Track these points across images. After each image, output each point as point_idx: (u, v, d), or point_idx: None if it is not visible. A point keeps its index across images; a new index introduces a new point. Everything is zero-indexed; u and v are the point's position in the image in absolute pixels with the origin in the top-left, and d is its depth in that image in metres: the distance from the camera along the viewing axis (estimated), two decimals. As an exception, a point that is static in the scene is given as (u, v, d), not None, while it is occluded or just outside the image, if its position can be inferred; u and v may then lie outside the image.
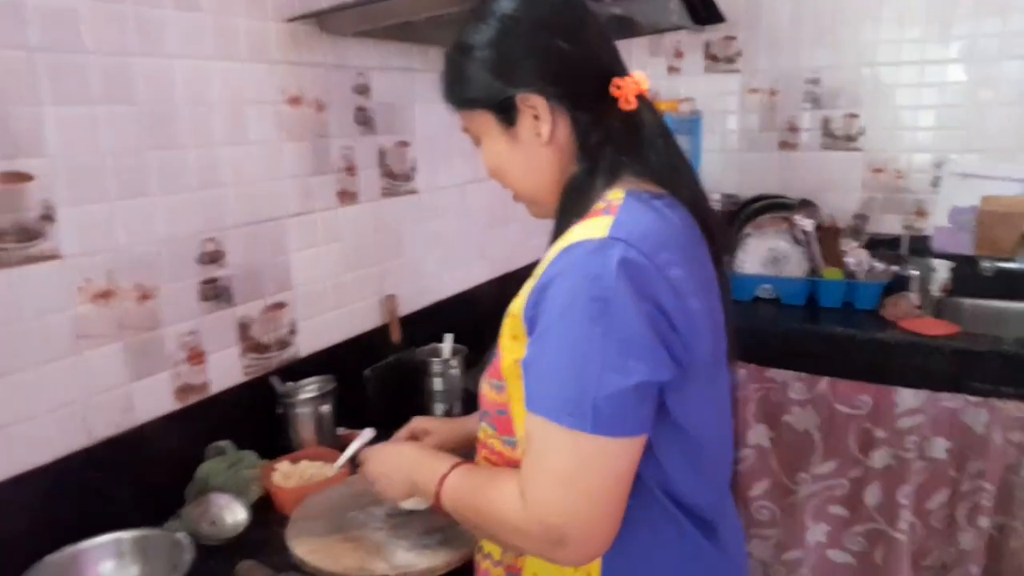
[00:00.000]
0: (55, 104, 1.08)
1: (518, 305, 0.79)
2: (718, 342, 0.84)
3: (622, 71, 0.85)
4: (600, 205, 0.80)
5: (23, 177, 1.05)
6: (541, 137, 0.84)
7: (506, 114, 0.85)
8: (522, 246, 2.27)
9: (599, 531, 0.73)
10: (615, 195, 0.80)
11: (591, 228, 0.75)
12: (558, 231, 0.85)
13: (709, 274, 0.85)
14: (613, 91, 0.83)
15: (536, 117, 0.83)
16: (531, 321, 0.76)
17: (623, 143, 0.84)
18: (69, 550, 1.06)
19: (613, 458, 0.72)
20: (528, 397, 0.75)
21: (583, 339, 0.71)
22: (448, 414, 1.63)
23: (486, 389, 0.87)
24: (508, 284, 2.13)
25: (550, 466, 0.73)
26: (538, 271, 0.78)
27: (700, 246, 0.84)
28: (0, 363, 1.04)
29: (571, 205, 0.84)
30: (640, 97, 0.84)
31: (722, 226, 0.91)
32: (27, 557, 1.02)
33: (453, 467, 0.88)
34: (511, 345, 0.81)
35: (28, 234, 1.06)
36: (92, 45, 1.11)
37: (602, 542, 0.74)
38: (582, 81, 0.83)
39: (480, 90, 0.85)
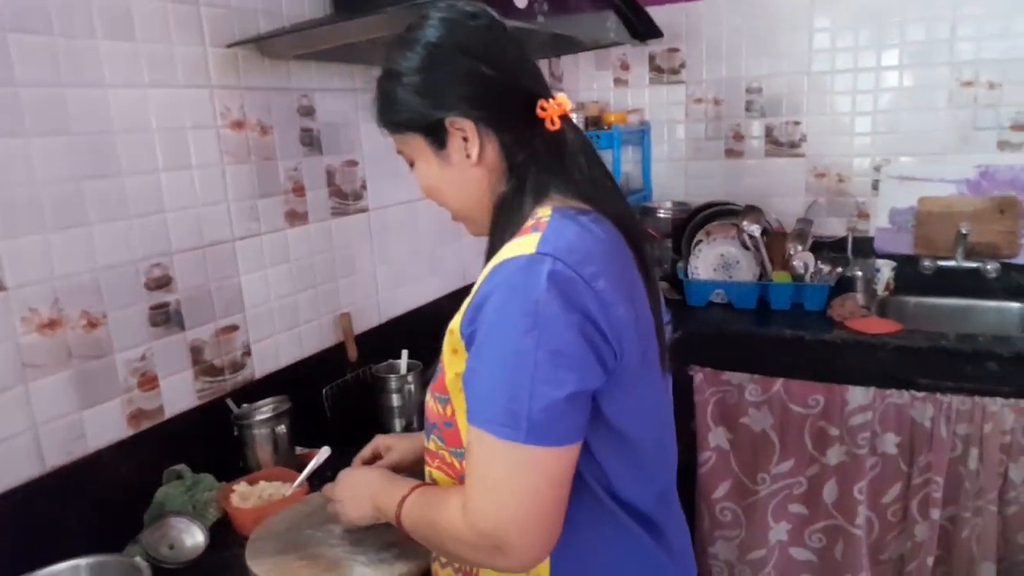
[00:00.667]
0: (-14, 137, 1.07)
1: (456, 321, 0.82)
2: (647, 347, 0.87)
3: (546, 92, 0.89)
4: (530, 223, 0.83)
5: (-41, 210, 1.05)
6: (470, 158, 0.87)
7: (436, 136, 0.88)
8: (473, 262, 2.28)
9: (534, 537, 0.75)
10: (543, 212, 0.83)
11: (520, 245, 0.78)
12: (491, 248, 0.88)
13: (635, 284, 0.87)
14: (539, 112, 0.86)
15: (465, 139, 0.86)
16: (469, 337, 0.79)
17: (548, 162, 0.87)
18: (23, 579, 1.05)
19: (547, 466, 0.75)
20: (468, 410, 0.78)
21: (516, 352, 0.73)
22: (407, 429, 1.64)
23: (432, 403, 0.89)
24: (460, 300, 2.15)
25: (487, 476, 0.75)
26: (474, 288, 0.81)
27: (626, 257, 0.87)
28: (-58, 396, 1.03)
29: (502, 223, 0.87)
30: (563, 117, 0.88)
31: (646, 237, 0.94)
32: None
33: (412, 489, 0.90)
34: (452, 359, 0.83)
35: (-31, 266, 1.06)
36: (23, 78, 1.11)
37: (539, 548, 0.76)
38: (506, 104, 0.87)
39: (410, 114, 0.88)
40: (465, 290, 2.24)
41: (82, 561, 1.09)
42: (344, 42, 1.41)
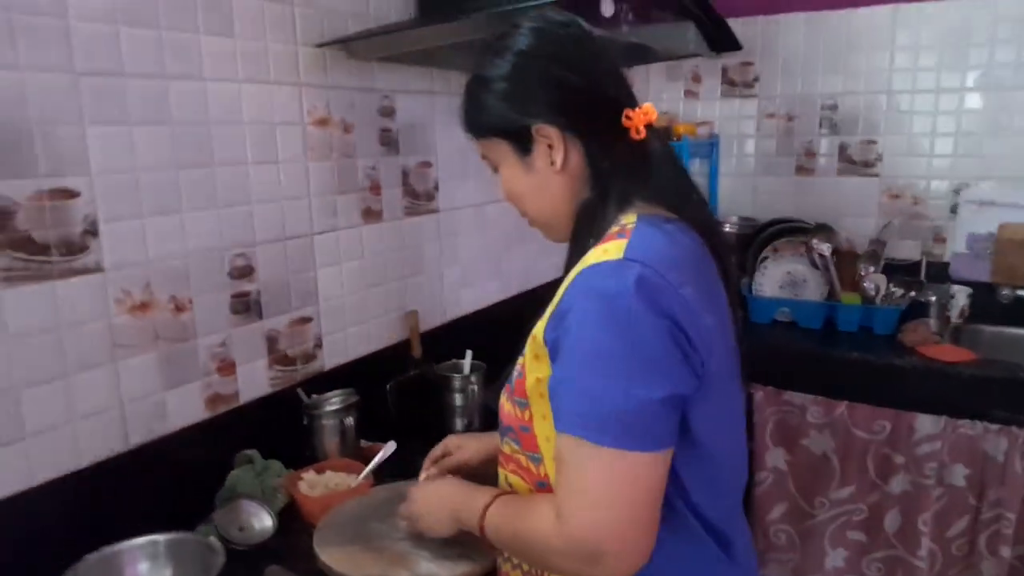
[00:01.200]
0: (97, 124, 1.13)
1: (539, 327, 0.82)
2: (730, 359, 0.87)
3: (632, 102, 0.89)
4: (614, 229, 0.83)
5: (69, 194, 1.10)
6: (555, 165, 0.88)
7: (522, 143, 0.89)
8: (537, 265, 2.30)
9: (634, 546, 0.75)
10: (628, 219, 0.84)
11: (607, 251, 0.78)
12: (572, 254, 0.89)
13: (719, 294, 0.87)
14: (624, 121, 0.87)
15: (550, 146, 0.87)
16: (553, 343, 0.79)
17: (633, 170, 0.87)
18: (108, 550, 1.10)
19: (644, 472, 0.74)
20: (557, 418, 0.78)
21: (607, 357, 0.73)
22: (468, 428, 1.65)
23: (508, 407, 0.90)
24: (523, 303, 2.18)
25: (583, 485, 0.75)
26: (558, 294, 0.81)
27: (710, 267, 0.87)
28: (42, 370, 1.09)
29: (584, 230, 0.88)
30: (649, 127, 0.88)
31: (730, 248, 0.94)
32: (67, 557, 1.05)
33: (494, 498, 0.90)
34: (533, 365, 0.84)
35: (73, 248, 1.11)
36: (131, 68, 1.17)
37: (638, 557, 0.75)
38: (593, 113, 0.87)
39: (497, 120, 0.90)
40: (529, 294, 2.27)
41: (160, 537, 1.13)
42: (427, 46, 1.43)
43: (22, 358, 1.06)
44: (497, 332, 1.92)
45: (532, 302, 0.86)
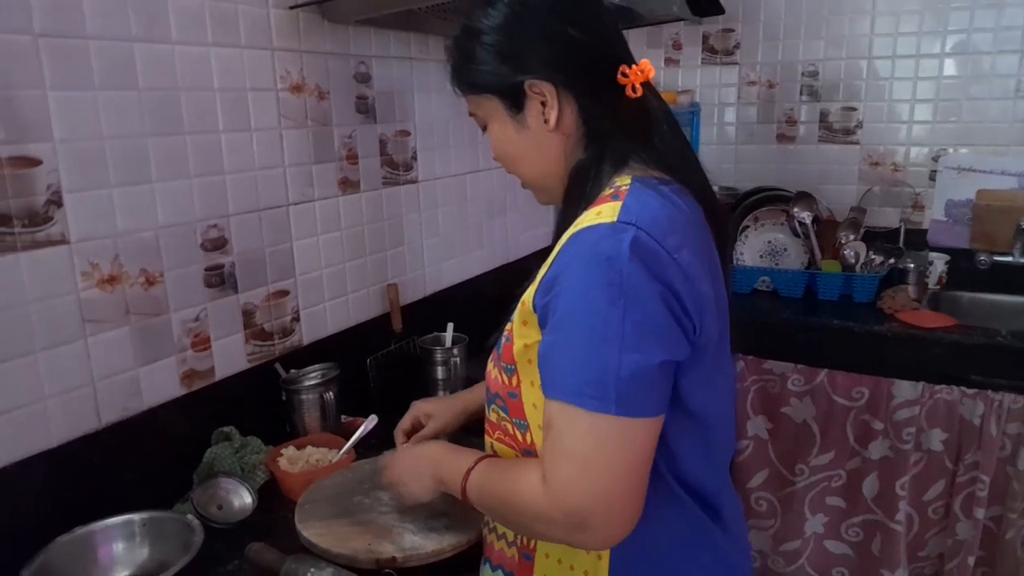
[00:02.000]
0: (59, 89, 1.07)
1: (529, 293, 0.80)
2: (724, 327, 0.85)
3: (629, 58, 0.86)
4: (608, 191, 0.80)
5: (31, 162, 1.05)
6: (548, 123, 0.85)
7: (514, 100, 0.86)
8: (519, 237, 2.28)
9: (621, 513, 0.73)
10: (622, 181, 0.81)
11: (600, 214, 0.76)
12: (564, 217, 0.86)
13: (714, 260, 0.86)
14: (620, 79, 0.84)
15: (544, 103, 0.84)
16: (543, 308, 0.77)
17: (629, 130, 0.84)
18: (81, 531, 1.07)
19: (634, 439, 0.73)
20: (547, 383, 0.76)
21: (601, 322, 0.71)
22: (450, 403, 1.64)
23: (496, 373, 0.88)
24: (506, 274, 2.15)
25: (571, 449, 0.73)
26: (549, 259, 0.79)
27: (706, 233, 0.85)
28: (8, 346, 1.04)
29: (578, 191, 0.85)
30: (646, 85, 0.85)
31: (726, 214, 0.92)
32: (39, 538, 1.02)
33: (477, 461, 0.88)
34: (521, 330, 0.81)
35: (36, 218, 1.06)
36: (94, 30, 1.11)
37: (624, 525, 0.74)
38: (590, 69, 0.84)
39: (488, 75, 0.86)
40: (511, 266, 2.25)
41: (136, 516, 1.10)
42: (407, 7, 1.38)
43: (-13, 334, 1.02)
44: (479, 305, 1.90)
45: (515, 274, 0.84)
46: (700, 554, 0.86)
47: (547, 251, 0.81)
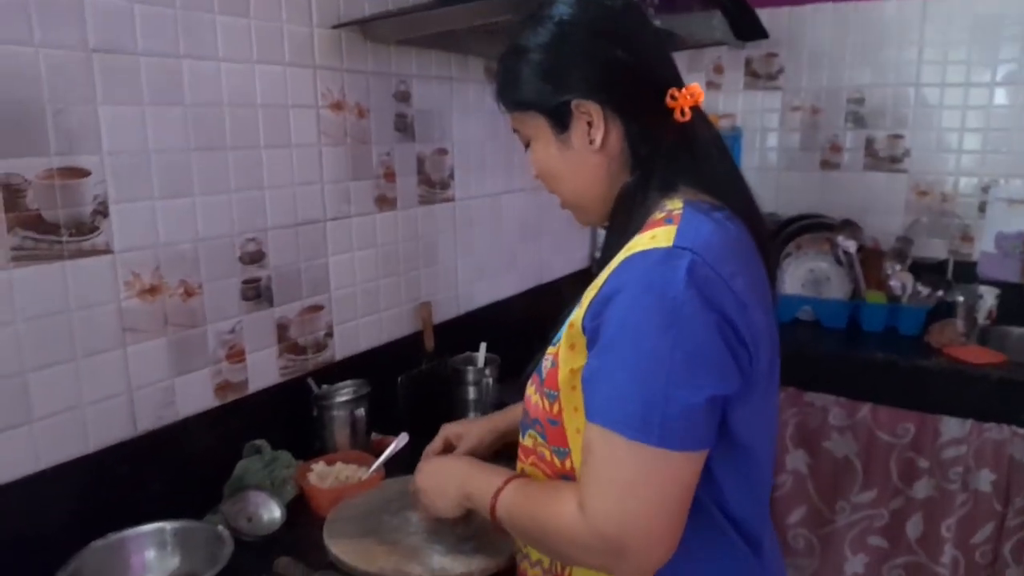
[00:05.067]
0: (109, 103, 1.10)
1: (578, 315, 0.78)
2: (774, 357, 0.83)
3: (678, 81, 0.85)
4: (659, 215, 0.79)
5: (81, 173, 1.08)
6: (593, 144, 0.84)
7: (559, 119, 0.85)
8: (553, 260, 2.26)
9: (659, 544, 0.72)
10: (673, 205, 0.79)
11: (655, 238, 0.74)
12: (610, 241, 0.84)
13: (766, 288, 0.83)
14: (668, 102, 0.82)
15: (589, 124, 0.83)
16: (592, 332, 0.75)
17: (677, 154, 0.83)
18: (114, 537, 1.08)
19: (677, 471, 0.71)
20: (590, 408, 0.74)
21: (651, 351, 0.69)
22: (481, 424, 1.62)
23: (536, 399, 0.86)
24: (538, 297, 2.14)
25: (612, 477, 0.71)
26: (599, 280, 0.77)
27: (757, 260, 0.83)
28: (51, 352, 1.06)
29: (624, 215, 0.84)
30: (695, 109, 0.84)
31: (774, 242, 0.89)
32: (73, 543, 1.03)
33: (508, 480, 0.86)
34: (568, 355, 0.80)
35: (83, 228, 1.09)
36: (144, 47, 1.14)
37: (662, 555, 0.72)
38: (637, 90, 0.83)
39: (534, 93, 0.85)
40: (544, 288, 2.24)
41: (167, 525, 1.11)
42: (447, 28, 1.40)
43: (30, 340, 1.04)
44: (511, 326, 1.89)
45: (547, 297, 0.83)
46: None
47: (581, 274, 0.80)
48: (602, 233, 0.89)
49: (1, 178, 0.99)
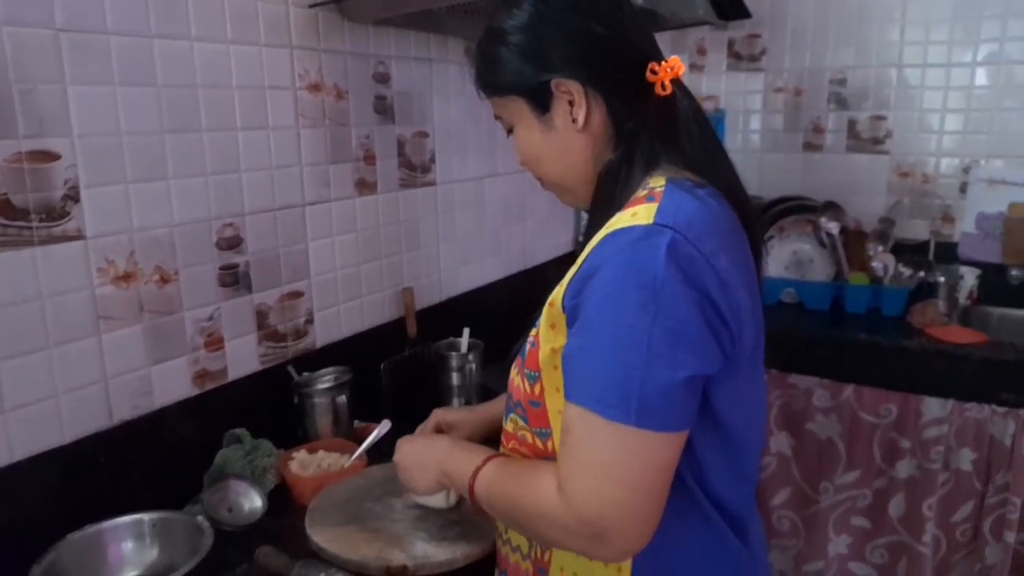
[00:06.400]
0: (78, 84, 1.07)
1: (558, 294, 0.77)
2: (758, 337, 0.82)
3: (657, 55, 0.83)
4: (641, 193, 0.78)
5: (50, 156, 1.05)
6: (576, 123, 0.82)
7: (540, 100, 0.83)
8: (537, 244, 2.25)
9: (639, 526, 0.71)
10: (656, 182, 0.78)
11: (636, 215, 0.73)
12: (593, 220, 0.83)
13: (750, 267, 0.82)
14: (649, 76, 0.81)
15: (571, 103, 0.82)
16: (572, 310, 0.74)
17: (659, 129, 0.82)
18: (91, 529, 1.06)
19: (656, 452, 0.70)
20: (569, 387, 0.73)
21: (630, 329, 0.68)
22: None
23: (518, 380, 0.85)
24: (523, 282, 2.12)
25: (590, 458, 0.70)
26: (580, 259, 0.76)
27: (741, 238, 0.82)
28: (22, 341, 1.03)
29: (607, 193, 0.82)
30: (676, 82, 0.83)
31: (759, 218, 0.88)
32: (50, 534, 1.01)
33: (487, 459, 0.86)
34: (549, 335, 0.78)
35: (53, 213, 1.05)
36: (114, 25, 1.10)
37: (641, 537, 0.71)
38: (618, 66, 0.82)
39: (513, 76, 0.84)
40: (528, 273, 2.22)
41: (145, 516, 1.09)
42: (426, 7, 1.37)
43: (2, 328, 1.01)
44: (495, 312, 1.88)
45: (531, 282, 0.81)
46: (723, 569, 0.83)
47: (566, 259, 0.79)
48: (586, 216, 0.88)
49: (-35, 162, 0.96)
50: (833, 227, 2.09)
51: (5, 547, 0.98)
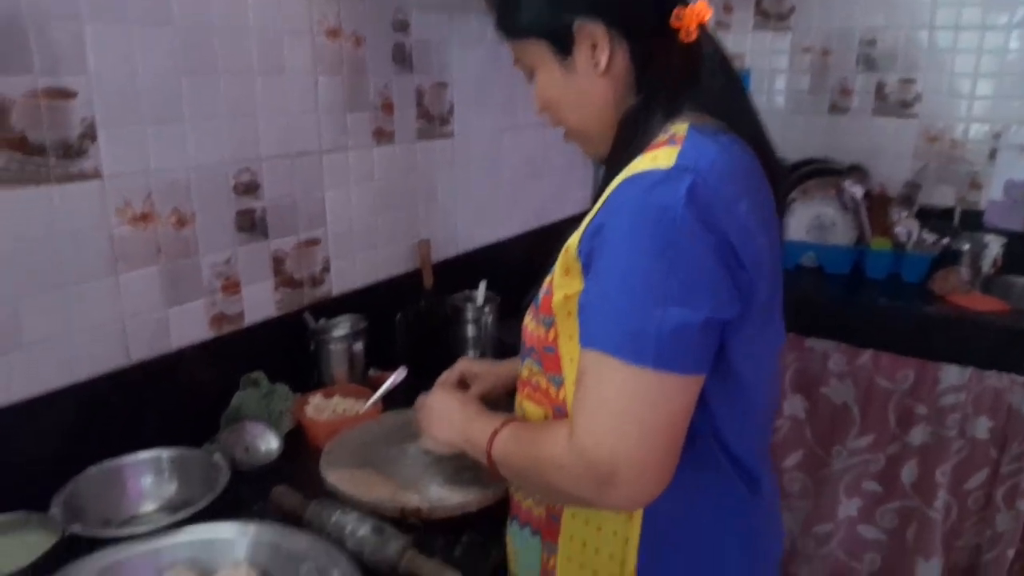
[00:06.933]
0: (94, 21, 1.05)
1: (574, 240, 0.76)
2: (776, 286, 0.80)
3: (683, 1, 0.81)
4: (663, 137, 0.76)
5: (67, 94, 1.04)
6: (598, 67, 0.80)
7: (562, 43, 0.81)
8: (554, 202, 2.22)
9: (651, 472, 0.69)
10: (678, 128, 0.76)
11: (656, 158, 0.71)
12: (611, 164, 0.81)
13: (771, 215, 0.81)
14: (674, 21, 0.79)
15: (594, 46, 0.80)
16: (587, 255, 0.73)
17: (683, 75, 0.79)
18: (111, 463, 1.08)
19: (672, 395, 0.69)
20: (584, 332, 0.72)
21: (648, 271, 0.67)
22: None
23: (533, 326, 0.84)
24: (538, 239, 2.11)
25: (603, 401, 0.69)
26: (597, 204, 0.74)
27: (763, 185, 0.80)
28: (39, 279, 1.04)
29: (627, 139, 0.80)
30: (701, 28, 0.80)
31: (782, 167, 0.86)
32: (69, 469, 1.03)
33: (505, 423, 0.86)
34: (562, 280, 0.77)
35: (70, 151, 1.05)
36: (130, -38, 1.09)
37: (653, 485, 0.70)
38: (642, 9, 0.79)
39: (535, 18, 0.82)
40: (545, 231, 2.19)
41: (164, 452, 1.11)
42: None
43: (21, 265, 1.01)
44: (510, 268, 1.86)
45: (547, 240, 0.80)
46: (735, 523, 0.82)
47: (582, 217, 0.77)
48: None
49: (-17, 96, 0.95)
50: (857, 190, 2.05)
51: (27, 478, 0.99)
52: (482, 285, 1.64)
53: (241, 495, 1.06)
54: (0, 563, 0.86)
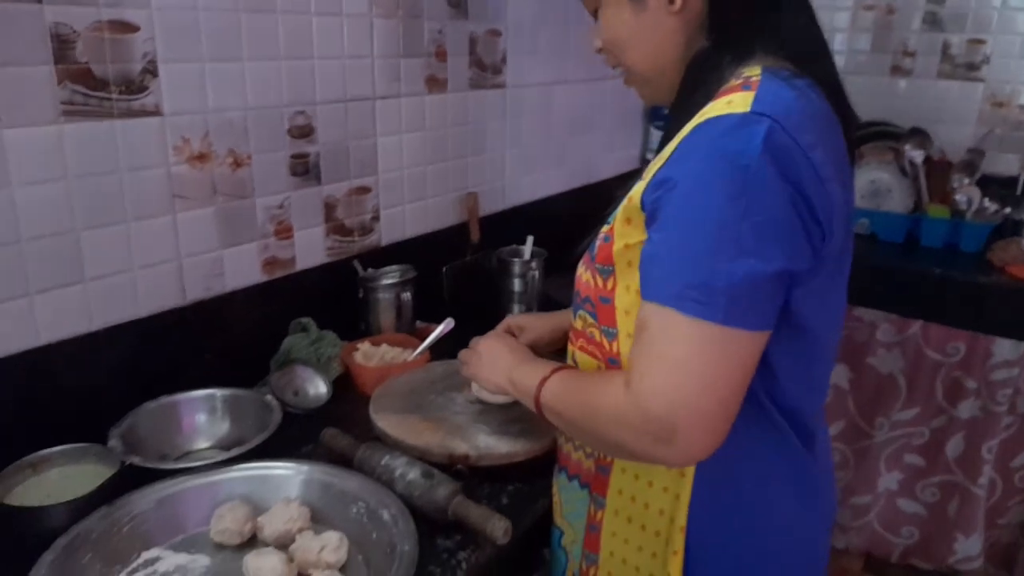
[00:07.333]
0: (156, -47, 1.04)
1: (638, 188, 0.73)
2: (847, 239, 0.77)
3: None
4: (736, 82, 0.72)
5: (129, 27, 1.03)
6: (674, 4, 0.76)
7: None
8: (602, 158, 2.18)
9: (709, 427, 0.67)
10: (751, 71, 0.73)
11: (731, 103, 0.68)
12: (678, 110, 0.78)
13: (845, 164, 0.77)
14: None
15: None
16: (652, 205, 0.70)
17: (759, 16, 0.75)
18: (166, 399, 1.09)
19: (738, 351, 0.66)
20: (647, 286, 0.70)
21: (719, 220, 0.64)
22: (526, 316, 1.60)
23: (587, 276, 0.82)
24: (585, 196, 2.07)
25: (665, 354, 0.67)
26: (665, 151, 0.71)
27: (837, 133, 0.76)
28: (100, 214, 1.05)
29: (696, 82, 0.77)
30: None
31: (855, 114, 0.82)
32: (125, 403, 1.05)
33: (555, 370, 0.84)
34: (624, 229, 0.75)
35: (132, 86, 1.05)
36: None
37: (710, 443, 0.68)
38: None
39: None
40: (592, 188, 2.14)
41: (217, 392, 1.13)
42: None
43: (82, 198, 1.02)
44: (556, 224, 1.83)
45: (594, 197, 0.77)
46: (790, 477, 0.81)
47: (630, 175, 0.74)
48: (656, 133, 0.83)
49: (50, 27, 0.95)
50: (917, 155, 1.98)
51: (84, 411, 1.01)
52: (529, 240, 1.62)
53: (292, 436, 1.08)
54: (63, 491, 0.89)
